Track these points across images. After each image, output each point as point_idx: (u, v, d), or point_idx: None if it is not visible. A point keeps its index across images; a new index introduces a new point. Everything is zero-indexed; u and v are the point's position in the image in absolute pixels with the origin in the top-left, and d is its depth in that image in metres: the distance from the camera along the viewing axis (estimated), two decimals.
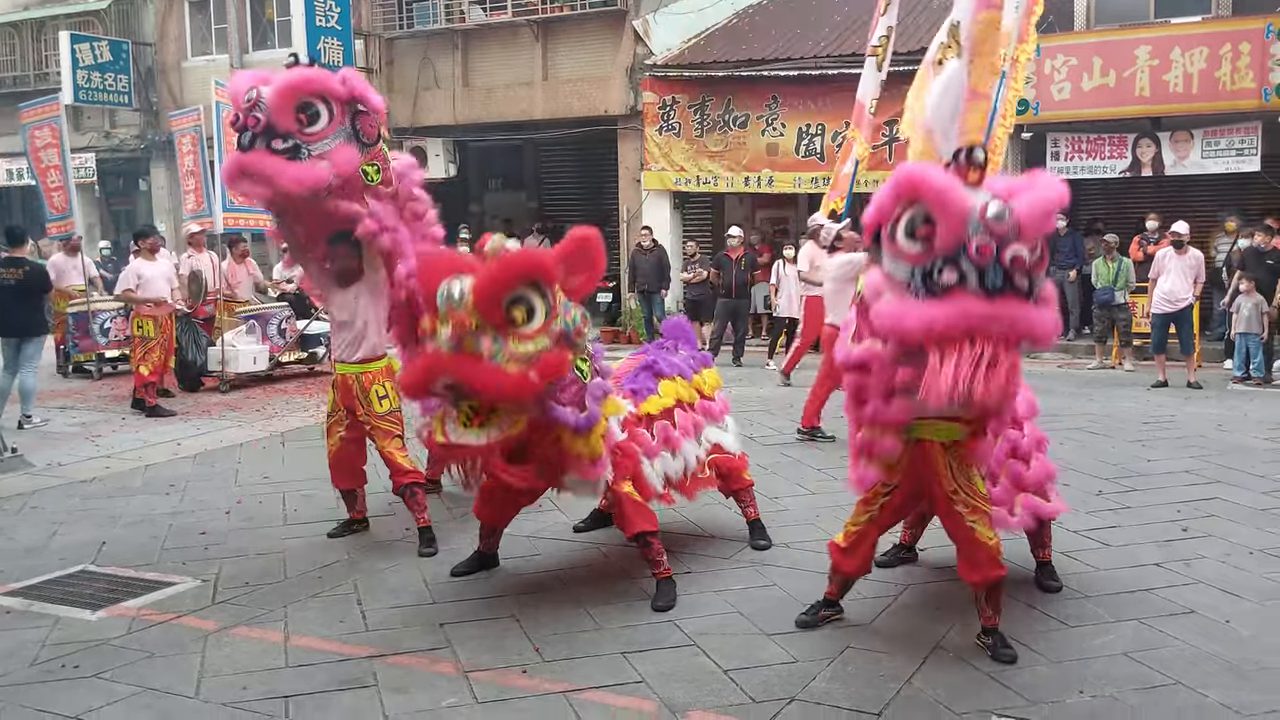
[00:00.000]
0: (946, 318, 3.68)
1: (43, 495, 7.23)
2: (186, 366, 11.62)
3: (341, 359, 5.91)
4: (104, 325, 12.88)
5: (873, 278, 4.03)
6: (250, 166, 5.19)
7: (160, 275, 10.68)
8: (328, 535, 6.13)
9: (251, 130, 5.17)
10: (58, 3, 21.62)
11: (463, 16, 17.44)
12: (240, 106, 5.22)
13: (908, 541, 5.58)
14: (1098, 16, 13.87)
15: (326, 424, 6.09)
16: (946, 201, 3.69)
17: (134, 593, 5.20)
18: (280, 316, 12.82)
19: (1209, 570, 5.28)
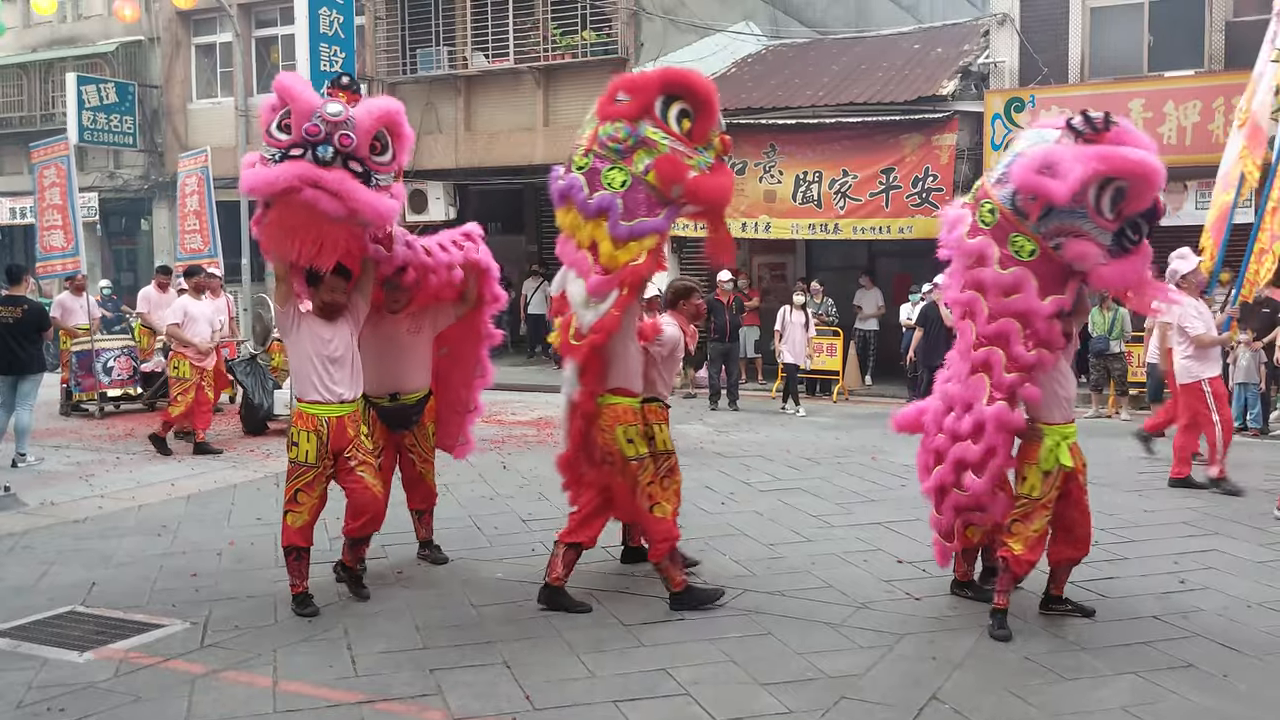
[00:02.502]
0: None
1: (34, 535, 7.18)
2: (253, 410, 11.41)
3: (341, 399, 5.44)
4: (107, 364, 12.88)
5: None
6: (330, 183, 5.00)
7: (204, 316, 10.48)
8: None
9: (338, 148, 5.05)
10: (66, 44, 21.90)
11: (465, 63, 17.67)
12: (329, 120, 5.01)
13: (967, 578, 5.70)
14: (1091, 69, 14.05)
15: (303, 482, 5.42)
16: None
17: (123, 634, 5.15)
18: None
19: (1207, 623, 5.24)
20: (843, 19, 21.21)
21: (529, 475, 9.15)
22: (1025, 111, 13.59)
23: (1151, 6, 13.83)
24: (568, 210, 5.30)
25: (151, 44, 21.11)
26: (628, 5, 16.39)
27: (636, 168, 5.09)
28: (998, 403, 4.96)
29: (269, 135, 5.15)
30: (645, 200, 5.12)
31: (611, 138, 5.13)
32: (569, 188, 5.23)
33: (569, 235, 5.31)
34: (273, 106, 5.25)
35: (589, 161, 5.19)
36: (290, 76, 5.28)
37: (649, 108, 5.12)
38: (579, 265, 5.20)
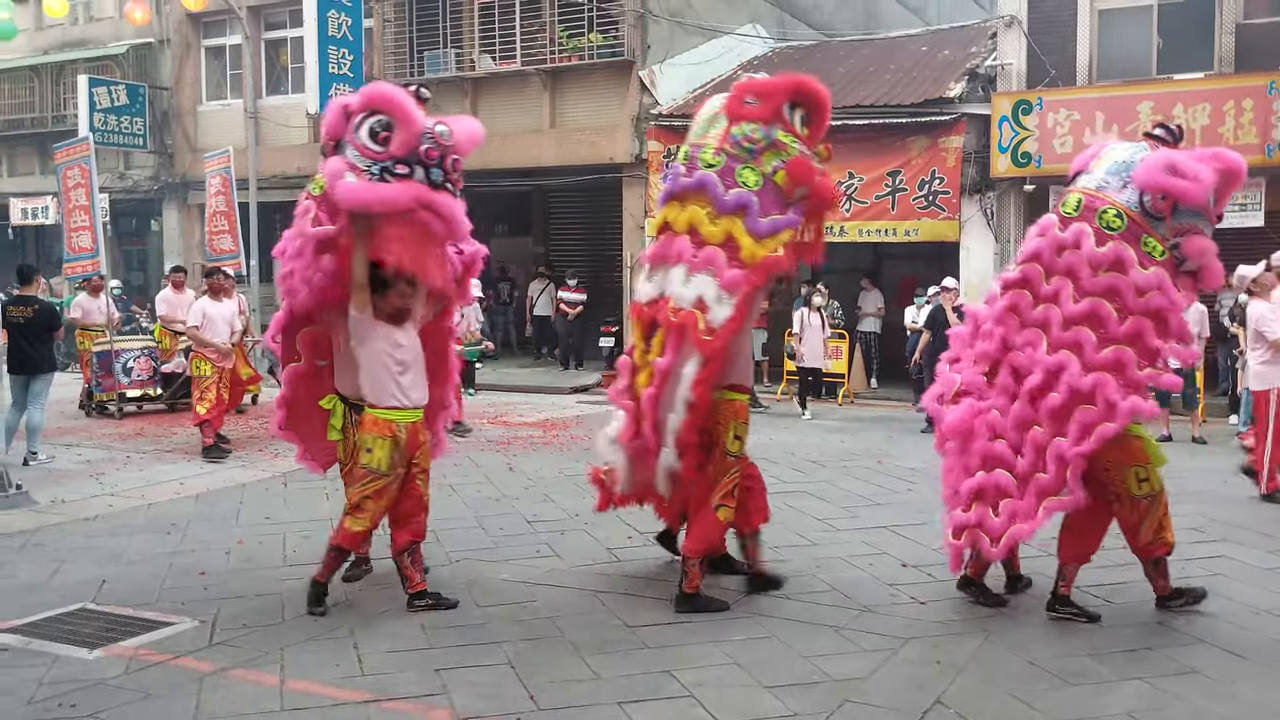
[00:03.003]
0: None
1: (45, 532, 7.23)
2: None
3: (416, 404, 5.43)
4: (126, 364, 12.93)
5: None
6: (442, 208, 5.14)
7: (221, 317, 10.46)
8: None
9: (447, 171, 5.17)
10: (77, 46, 22.03)
11: (473, 65, 17.72)
12: (443, 143, 5.12)
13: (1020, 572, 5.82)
14: (1100, 72, 14.03)
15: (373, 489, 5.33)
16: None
17: (133, 632, 5.19)
18: None
19: (1214, 630, 5.24)
20: (850, 21, 21.22)
21: (534, 476, 9.18)
22: (1033, 114, 13.60)
23: (1160, 8, 13.82)
24: (681, 205, 5.39)
25: (162, 46, 21.22)
26: (634, 8, 16.42)
27: (765, 168, 5.28)
28: (1131, 396, 5.01)
29: (361, 144, 5.08)
30: (773, 200, 5.30)
31: (747, 138, 5.29)
32: (702, 183, 5.30)
33: (683, 230, 5.36)
34: (351, 111, 5.20)
35: (721, 160, 5.31)
36: (394, 88, 5.23)
37: (779, 112, 5.33)
38: (713, 261, 5.22)
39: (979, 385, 5.48)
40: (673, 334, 5.27)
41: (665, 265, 5.42)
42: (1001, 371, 5.38)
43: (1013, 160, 13.73)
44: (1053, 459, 5.09)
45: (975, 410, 5.41)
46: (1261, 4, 13.53)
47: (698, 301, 5.20)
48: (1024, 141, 13.66)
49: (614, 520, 7.42)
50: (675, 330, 5.26)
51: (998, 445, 5.29)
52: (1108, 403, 4.98)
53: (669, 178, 5.55)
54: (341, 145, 5.19)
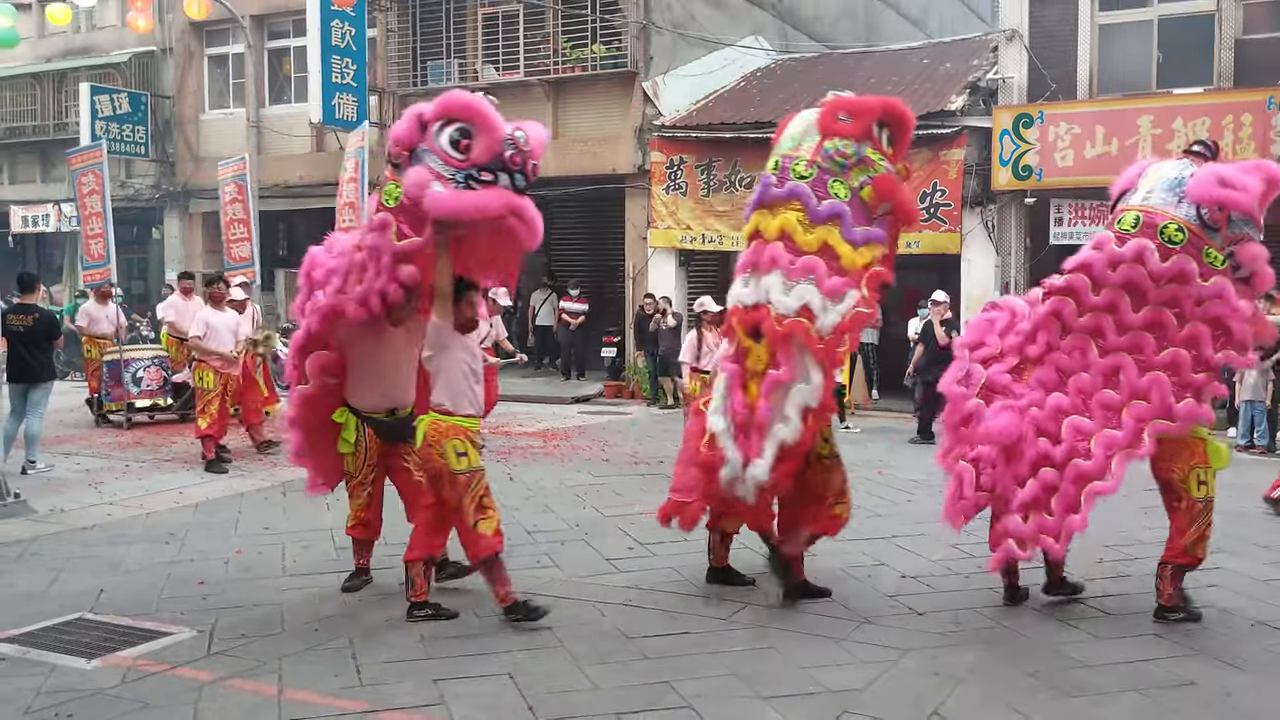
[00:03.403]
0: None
1: (43, 542, 7.23)
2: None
3: (480, 412, 5.59)
4: (136, 374, 12.78)
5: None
6: (527, 213, 5.24)
7: (225, 326, 10.36)
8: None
9: (528, 176, 5.26)
10: (79, 55, 22.08)
11: (476, 75, 17.76)
12: (522, 149, 5.20)
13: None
14: (1100, 86, 14.07)
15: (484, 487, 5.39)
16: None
17: (131, 642, 5.19)
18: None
19: (1210, 641, 5.24)
20: (852, 33, 21.28)
21: (535, 487, 9.18)
22: (1034, 127, 13.63)
23: (1161, 23, 13.86)
24: (772, 213, 5.57)
25: (164, 55, 21.27)
26: (637, 19, 16.48)
27: (853, 182, 5.51)
28: (1187, 398, 5.26)
29: (444, 152, 5.15)
30: (858, 213, 5.52)
31: (839, 152, 5.51)
32: (795, 192, 5.49)
33: (775, 238, 5.52)
34: (426, 121, 5.24)
35: (813, 173, 5.52)
36: (471, 96, 5.31)
37: (869, 130, 5.56)
38: (813, 269, 5.40)
39: (1004, 384, 5.60)
40: (781, 343, 5.41)
41: (758, 272, 5.57)
42: (1039, 370, 5.53)
43: (1014, 173, 13.76)
44: (1101, 445, 5.26)
45: (1021, 416, 5.46)
46: (1261, 19, 13.58)
47: (803, 309, 5.36)
48: (1025, 155, 13.69)
49: (613, 531, 7.43)
50: (783, 339, 5.40)
51: (1042, 444, 5.41)
52: (1163, 400, 5.22)
53: (758, 187, 5.73)
54: (418, 155, 5.22)
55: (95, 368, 13.09)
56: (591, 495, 8.77)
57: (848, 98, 5.74)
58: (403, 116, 5.39)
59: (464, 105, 5.18)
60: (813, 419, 5.38)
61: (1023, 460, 5.42)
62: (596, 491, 8.93)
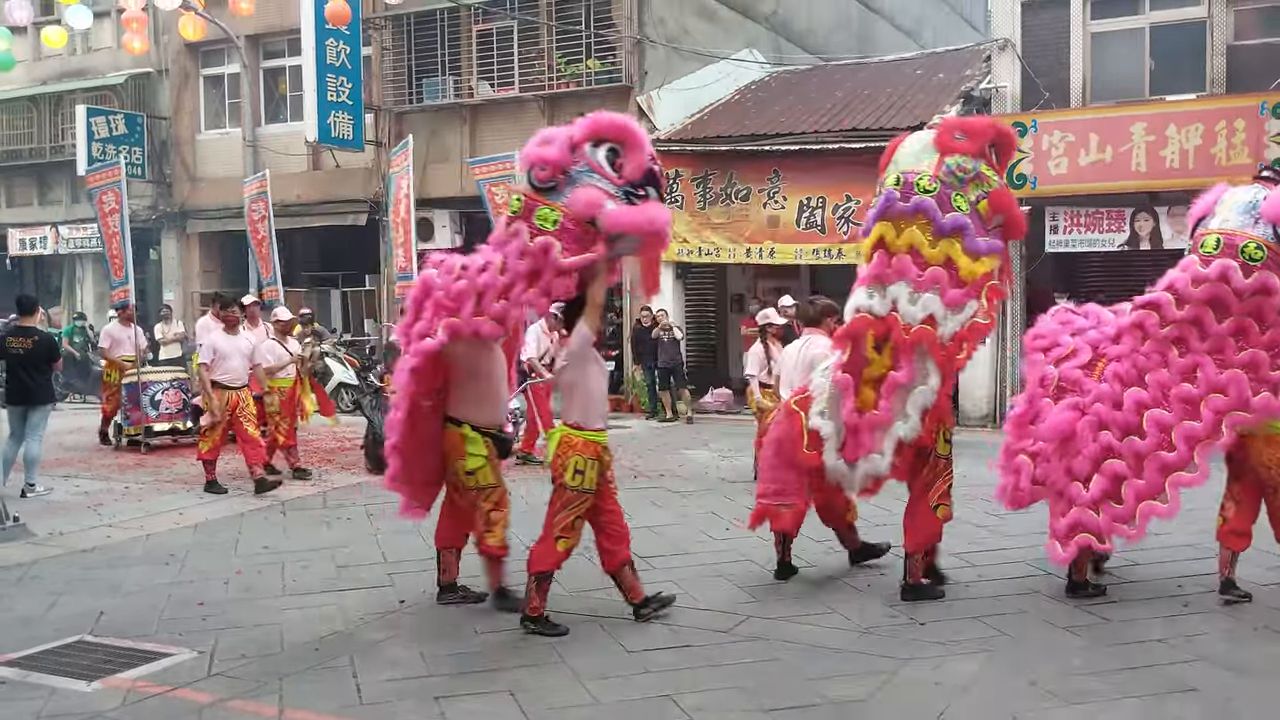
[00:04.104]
0: None
1: (43, 565, 7.22)
2: (379, 443, 10.58)
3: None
4: (154, 397, 12.41)
5: None
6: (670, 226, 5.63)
7: (238, 351, 9.88)
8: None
9: (661, 190, 5.62)
10: (75, 77, 22.15)
11: (471, 92, 17.83)
12: (658, 160, 5.57)
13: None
14: (1094, 93, 14.13)
15: (582, 509, 5.53)
16: None
17: (130, 664, 5.18)
18: None
19: (1212, 647, 5.23)
20: (845, 45, 21.36)
21: (534, 502, 9.16)
22: (1027, 136, 13.67)
23: (1153, 31, 13.92)
24: (898, 228, 5.86)
25: (160, 76, 21.34)
26: (632, 34, 16.56)
27: (970, 196, 5.88)
28: (1264, 392, 5.67)
29: (606, 171, 5.40)
30: (976, 226, 5.87)
31: (960, 168, 5.86)
32: (921, 207, 5.80)
33: (904, 251, 5.83)
34: (576, 143, 5.44)
35: (937, 187, 5.83)
36: (621, 115, 5.60)
37: (984, 148, 5.95)
38: (938, 280, 5.76)
39: (1075, 379, 6.04)
40: (906, 349, 5.77)
41: (883, 283, 5.88)
42: (1117, 364, 5.96)
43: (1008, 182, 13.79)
44: (1181, 438, 5.68)
45: (1077, 413, 5.90)
46: (1252, 25, 13.64)
47: (928, 319, 5.74)
48: (1019, 163, 13.70)
49: None
50: (909, 346, 5.76)
51: (1104, 437, 5.80)
52: (1240, 394, 5.62)
53: (880, 201, 6.00)
54: (573, 176, 5.43)
55: (113, 391, 12.79)
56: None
57: (959, 118, 6.28)
58: (545, 140, 5.55)
59: (614, 125, 5.46)
60: (930, 418, 5.80)
61: (1077, 455, 5.84)
62: None
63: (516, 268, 5.38)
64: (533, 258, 5.36)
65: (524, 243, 5.38)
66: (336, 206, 18.90)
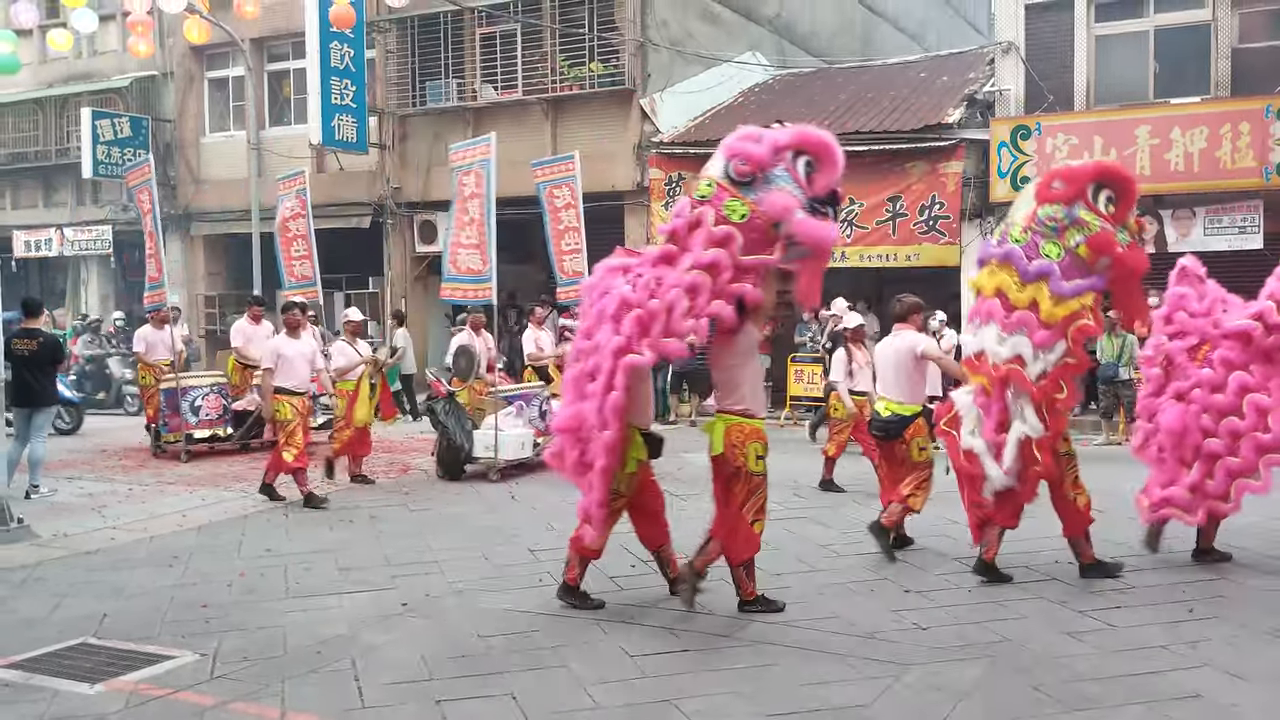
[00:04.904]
0: None
1: (47, 566, 7.23)
2: (453, 451, 10.52)
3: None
4: (194, 403, 12.13)
5: None
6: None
7: (301, 355, 9.39)
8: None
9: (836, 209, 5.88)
10: (81, 80, 22.21)
11: (475, 95, 17.86)
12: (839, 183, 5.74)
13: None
14: (1098, 97, 14.12)
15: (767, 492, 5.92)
16: None
17: (133, 666, 5.18)
18: (541, 397, 11.64)
19: (1216, 653, 5.21)
20: (848, 48, 21.37)
21: (537, 505, 9.17)
22: (1031, 139, 13.68)
23: (1157, 33, 13.92)
24: (993, 272, 6.33)
25: (165, 79, 21.39)
26: (635, 37, 16.57)
27: (1068, 242, 6.15)
28: None
29: (801, 180, 5.56)
30: (1076, 269, 6.16)
31: (1050, 217, 6.18)
32: (1009, 255, 6.24)
33: (991, 294, 6.32)
34: (779, 148, 5.56)
35: (1026, 237, 6.23)
36: (822, 132, 5.73)
37: (1083, 193, 6.17)
38: (1026, 323, 6.15)
39: (1180, 362, 6.78)
40: (997, 385, 6.24)
41: (978, 323, 6.42)
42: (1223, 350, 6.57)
43: (1012, 185, 13.77)
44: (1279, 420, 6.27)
45: (1186, 410, 6.65)
46: (1257, 28, 13.64)
47: (1015, 358, 6.16)
48: (1023, 166, 13.72)
49: (616, 549, 7.39)
50: (999, 382, 6.23)
51: (1204, 421, 6.52)
52: None
53: (981, 247, 6.63)
54: (770, 177, 5.55)
55: (150, 395, 12.54)
56: None
57: (1068, 167, 6.42)
58: (752, 136, 5.65)
59: (819, 141, 5.66)
60: (1052, 422, 6.20)
61: (1186, 446, 6.59)
62: None
63: (700, 259, 5.47)
64: (717, 245, 5.48)
65: (709, 229, 5.51)
66: (340, 209, 18.92)
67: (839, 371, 9.57)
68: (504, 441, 10.53)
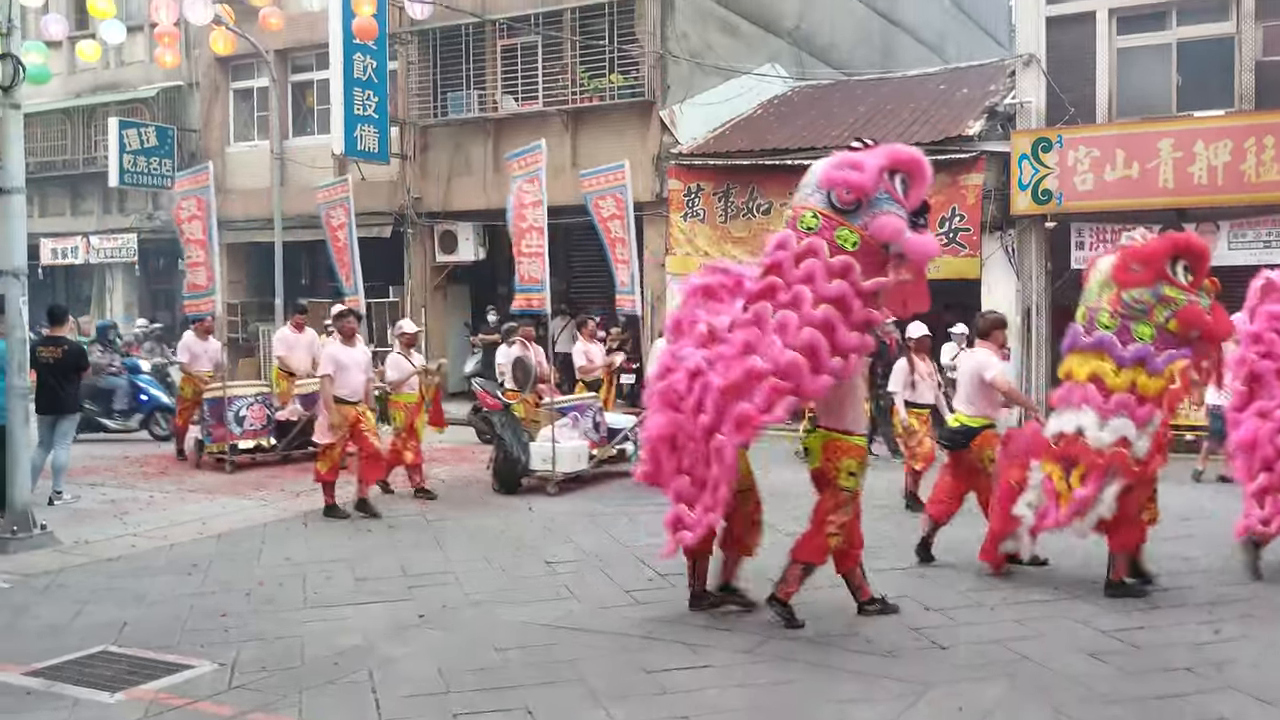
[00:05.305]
0: None
1: (69, 573, 7.28)
2: (510, 464, 10.35)
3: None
4: (239, 413, 11.83)
5: None
6: None
7: (357, 365, 9.27)
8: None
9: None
10: (108, 90, 22.44)
11: (495, 106, 17.92)
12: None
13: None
14: (1120, 109, 14.02)
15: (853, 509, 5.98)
16: None
17: (153, 675, 5.21)
18: (595, 408, 11.41)
19: (1242, 675, 5.15)
20: (868, 60, 21.33)
21: (554, 517, 9.17)
22: (1053, 151, 13.60)
23: (1180, 46, 13.82)
24: (1085, 359, 6.51)
25: (191, 89, 21.59)
26: (654, 49, 16.59)
27: (1158, 319, 6.35)
28: None
29: (901, 198, 5.66)
30: (1166, 343, 6.37)
31: (1137, 300, 6.37)
32: (1101, 343, 6.44)
33: (1085, 380, 6.46)
34: (885, 169, 5.65)
35: (1117, 322, 6.43)
36: (915, 150, 5.91)
37: (1162, 272, 6.34)
38: (1126, 406, 6.31)
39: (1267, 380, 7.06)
40: (1097, 469, 6.33)
41: (1071, 407, 6.52)
42: None
43: (1033, 197, 13.71)
44: None
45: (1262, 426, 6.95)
46: None
47: (1120, 441, 6.28)
48: (1044, 179, 13.64)
49: (632, 562, 7.41)
50: (1101, 468, 6.32)
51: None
52: None
53: (1068, 335, 6.73)
54: (875, 201, 5.66)
55: (185, 405, 12.40)
56: (610, 525, 8.75)
57: (1137, 247, 6.50)
58: (851, 164, 5.71)
59: (911, 157, 5.79)
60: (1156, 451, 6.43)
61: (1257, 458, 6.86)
62: (615, 521, 8.91)
63: (825, 292, 5.54)
64: (838, 276, 5.58)
65: (826, 261, 5.61)
66: (362, 219, 18.87)
67: (898, 382, 9.46)
68: (561, 454, 10.34)
